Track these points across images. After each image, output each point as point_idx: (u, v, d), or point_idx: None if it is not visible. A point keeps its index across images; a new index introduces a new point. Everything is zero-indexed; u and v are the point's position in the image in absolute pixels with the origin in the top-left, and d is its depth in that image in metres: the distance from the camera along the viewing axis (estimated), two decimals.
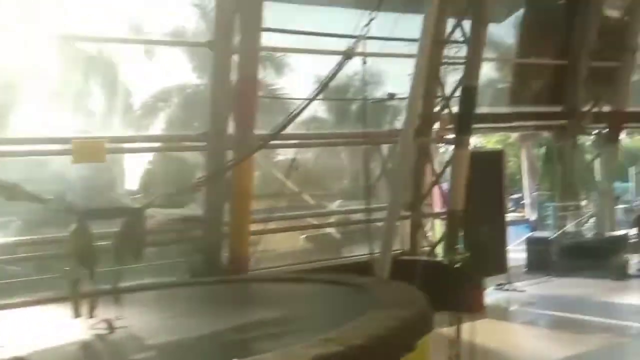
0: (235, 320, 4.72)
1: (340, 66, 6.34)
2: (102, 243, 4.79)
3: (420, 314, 4.30)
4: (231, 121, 8.51)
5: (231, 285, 6.65)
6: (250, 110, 8.36)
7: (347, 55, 6.45)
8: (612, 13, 12.91)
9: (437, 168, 10.93)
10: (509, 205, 24.82)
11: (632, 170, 13.69)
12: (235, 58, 8.43)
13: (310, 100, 6.26)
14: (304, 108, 6.28)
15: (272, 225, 9.43)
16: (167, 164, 11.84)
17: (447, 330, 6.19)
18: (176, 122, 13.19)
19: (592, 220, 12.85)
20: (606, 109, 12.73)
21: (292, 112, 6.28)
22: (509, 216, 17.26)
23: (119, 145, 8.69)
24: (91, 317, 4.50)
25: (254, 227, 8.65)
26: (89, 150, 7.04)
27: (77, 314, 4.52)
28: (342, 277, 5.86)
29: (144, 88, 13.11)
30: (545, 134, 16.25)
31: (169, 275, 8.53)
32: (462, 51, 10.21)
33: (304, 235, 10.91)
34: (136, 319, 4.79)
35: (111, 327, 4.39)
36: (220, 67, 8.49)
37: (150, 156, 12.79)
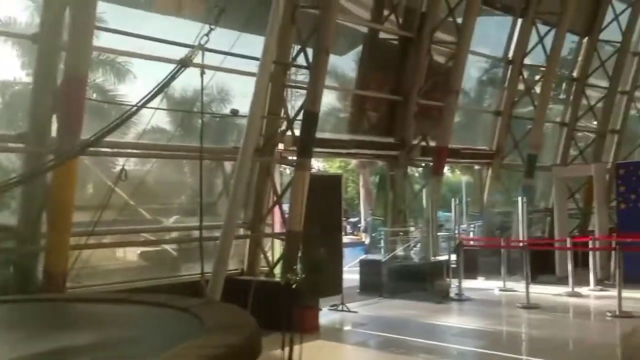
0: (42, 346, 4.17)
1: (174, 74, 6.09)
2: None
3: (247, 339, 4.10)
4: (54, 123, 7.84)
5: (43, 305, 5.95)
6: (76, 113, 7.69)
7: (183, 63, 6.22)
8: (439, 59, 13.95)
9: (279, 188, 10.95)
10: (347, 228, 25.90)
11: (453, 202, 14.80)
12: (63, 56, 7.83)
13: (140, 107, 5.90)
14: (131, 115, 5.93)
15: (106, 239, 8.77)
16: None
17: (280, 352, 6.08)
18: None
19: (418, 245, 13.67)
20: (432, 144, 13.65)
21: (118, 118, 5.87)
22: (346, 238, 17.88)
23: None
24: None
25: (78, 240, 7.92)
26: None
27: None
28: (167, 298, 5.47)
29: None
30: (380, 163, 17.17)
31: None
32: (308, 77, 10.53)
33: (139, 251, 10.26)
34: None
35: None
36: (45, 63, 7.81)
37: None
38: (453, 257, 12.63)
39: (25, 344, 4.24)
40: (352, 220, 28.71)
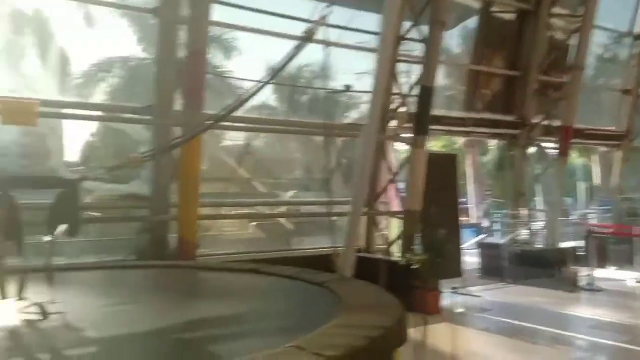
0: (186, 314, 4.16)
1: (298, 49, 5.90)
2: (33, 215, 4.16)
3: (398, 321, 3.84)
4: (178, 97, 7.97)
5: (180, 271, 6.05)
6: (199, 87, 7.79)
7: (307, 38, 5.99)
8: (557, 35, 12.96)
9: (393, 166, 10.62)
10: None
11: (580, 186, 13.80)
12: (183, 31, 7.94)
13: (266, 83, 5.79)
14: (258, 90, 5.81)
15: (222, 210, 8.88)
16: (110, 136, 11.09)
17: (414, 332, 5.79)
18: (118, 95, 12.52)
19: (541, 230, 12.88)
20: (554, 123, 12.77)
21: (246, 94, 5.79)
22: None
23: (55, 110, 7.90)
24: (20, 299, 3.83)
25: (202, 211, 8.04)
26: (19, 112, 6.28)
27: (3, 295, 3.84)
28: (301, 271, 5.34)
29: (85, 56, 12.40)
30: (493, 142, 16.29)
31: (113, 254, 7.93)
32: (417, 52, 10.16)
33: (254, 223, 10.38)
34: (73, 305, 4.16)
35: (44, 313, 3.74)
36: (166, 37, 7.95)
37: (92, 128, 12.10)
38: (581, 244, 11.75)
39: (164, 312, 4.26)
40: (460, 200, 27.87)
